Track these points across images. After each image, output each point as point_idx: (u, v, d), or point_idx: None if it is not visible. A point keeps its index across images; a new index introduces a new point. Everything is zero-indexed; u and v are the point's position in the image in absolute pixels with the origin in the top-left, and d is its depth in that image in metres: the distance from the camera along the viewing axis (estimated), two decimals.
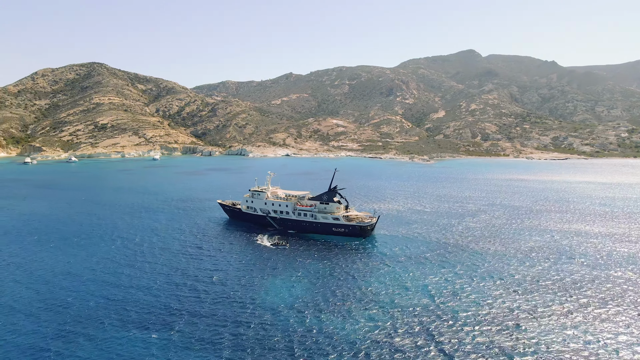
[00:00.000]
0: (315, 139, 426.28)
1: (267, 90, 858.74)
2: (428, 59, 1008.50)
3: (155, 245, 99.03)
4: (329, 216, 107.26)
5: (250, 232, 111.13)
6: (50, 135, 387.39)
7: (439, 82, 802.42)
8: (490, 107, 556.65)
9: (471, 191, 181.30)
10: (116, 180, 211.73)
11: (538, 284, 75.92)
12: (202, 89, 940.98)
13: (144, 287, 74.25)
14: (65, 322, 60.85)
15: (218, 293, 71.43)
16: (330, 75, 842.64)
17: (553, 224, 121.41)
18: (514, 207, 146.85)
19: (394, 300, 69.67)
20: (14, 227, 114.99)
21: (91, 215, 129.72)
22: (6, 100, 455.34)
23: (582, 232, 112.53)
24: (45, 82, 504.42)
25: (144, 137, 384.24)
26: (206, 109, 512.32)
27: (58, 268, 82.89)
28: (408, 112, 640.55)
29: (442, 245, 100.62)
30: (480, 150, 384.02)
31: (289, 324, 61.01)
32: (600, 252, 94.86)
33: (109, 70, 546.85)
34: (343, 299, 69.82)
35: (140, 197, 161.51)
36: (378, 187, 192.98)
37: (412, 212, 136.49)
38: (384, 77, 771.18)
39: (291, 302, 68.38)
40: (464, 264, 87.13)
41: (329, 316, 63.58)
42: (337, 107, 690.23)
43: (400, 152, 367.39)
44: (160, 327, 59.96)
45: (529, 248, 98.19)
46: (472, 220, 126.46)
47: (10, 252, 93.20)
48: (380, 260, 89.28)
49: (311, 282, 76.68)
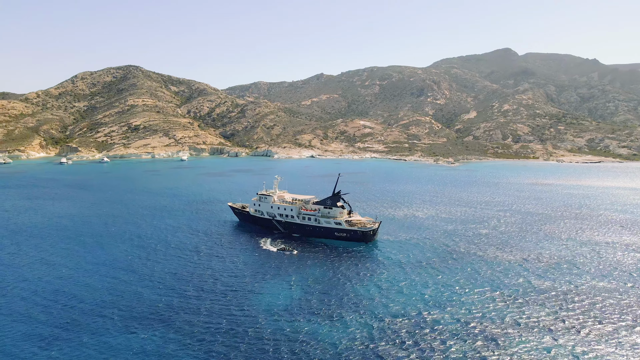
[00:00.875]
0: (341, 140, 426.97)
1: (298, 90, 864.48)
2: (462, 58, 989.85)
3: (169, 246, 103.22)
4: (331, 221, 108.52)
5: (258, 235, 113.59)
6: (87, 136, 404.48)
7: (472, 82, 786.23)
8: (523, 108, 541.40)
9: (489, 196, 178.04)
10: (142, 181, 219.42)
11: (534, 295, 74.92)
12: (234, 90, 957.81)
13: (150, 286, 77.95)
14: (60, 320, 64.79)
15: (218, 294, 74.14)
16: (361, 76, 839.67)
17: (565, 232, 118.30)
18: (529, 213, 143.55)
19: (387, 306, 70.51)
20: (37, 226, 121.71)
21: (112, 216, 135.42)
22: (48, 103, 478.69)
23: (592, 242, 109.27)
24: (84, 84, 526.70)
25: (174, 138, 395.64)
26: (236, 110, 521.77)
27: (68, 266, 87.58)
28: (439, 112, 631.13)
29: (446, 251, 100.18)
30: (509, 152, 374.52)
31: (279, 327, 62.95)
32: (606, 263, 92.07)
33: (143, 72, 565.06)
34: (336, 303, 71.11)
35: (163, 199, 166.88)
36: (395, 190, 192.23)
37: (423, 217, 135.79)
38: (415, 78, 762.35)
39: (285, 305, 70.24)
40: (464, 271, 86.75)
41: (319, 320, 65.19)
42: (366, 108, 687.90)
43: (425, 154, 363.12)
44: (159, 325, 63.24)
45: (535, 257, 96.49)
46: (482, 226, 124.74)
47: (25, 251, 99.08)
48: (379, 266, 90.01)
49: (308, 287, 78.26)
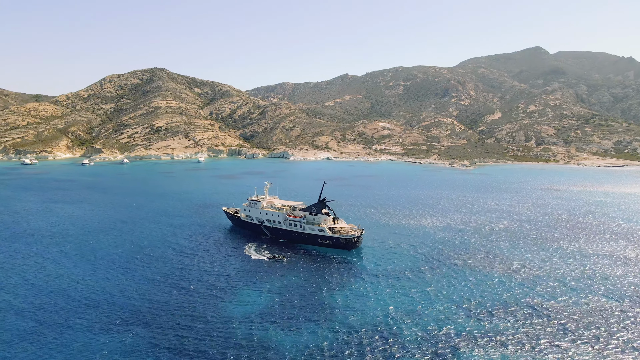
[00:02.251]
0: (358, 142, 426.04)
1: (322, 91, 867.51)
2: (490, 58, 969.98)
3: (158, 250, 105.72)
4: (315, 227, 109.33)
5: (245, 241, 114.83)
6: (111, 137, 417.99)
7: (499, 82, 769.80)
8: (550, 109, 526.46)
9: (493, 202, 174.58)
10: (153, 184, 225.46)
11: (501, 308, 73.59)
12: (260, 91, 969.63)
13: (126, 290, 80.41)
14: (35, 322, 68.13)
15: (189, 301, 75.81)
16: (386, 76, 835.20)
17: (557, 242, 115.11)
18: (527, 221, 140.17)
19: (349, 316, 70.83)
20: (39, 229, 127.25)
21: (112, 220, 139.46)
22: (77, 105, 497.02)
23: (583, 253, 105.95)
24: (112, 87, 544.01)
25: (193, 140, 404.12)
26: (257, 111, 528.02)
27: (54, 270, 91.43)
28: (463, 113, 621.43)
29: (429, 261, 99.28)
30: (529, 155, 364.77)
31: (236, 334, 64.31)
32: (589, 277, 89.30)
33: (169, 75, 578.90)
34: (299, 312, 71.90)
35: (167, 202, 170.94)
36: (397, 196, 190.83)
37: (416, 224, 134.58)
38: (440, 78, 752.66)
39: (249, 313, 71.43)
40: (439, 282, 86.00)
41: (276, 329, 66.13)
42: (389, 109, 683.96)
43: (442, 156, 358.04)
44: (122, 329, 65.62)
45: (517, 268, 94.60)
46: (473, 234, 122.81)
47: (21, 253, 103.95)
48: (355, 275, 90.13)
49: (279, 294, 79.13)
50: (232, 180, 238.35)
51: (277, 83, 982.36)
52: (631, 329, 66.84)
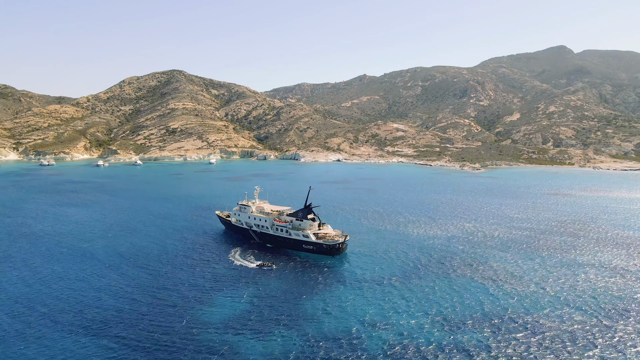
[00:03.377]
0: (371, 144, 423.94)
1: (340, 92, 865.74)
2: (512, 57, 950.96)
3: (144, 254, 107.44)
4: (300, 233, 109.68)
5: (234, 246, 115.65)
6: (128, 138, 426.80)
7: (520, 82, 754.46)
8: (570, 110, 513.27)
9: (495, 207, 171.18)
10: (160, 186, 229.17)
11: (475, 318, 72.78)
12: (278, 92, 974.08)
13: (102, 294, 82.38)
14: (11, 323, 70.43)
15: (163, 305, 77.14)
16: (404, 77, 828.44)
17: (550, 250, 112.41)
18: (524, 228, 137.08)
19: (321, 324, 71.20)
20: (34, 232, 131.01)
21: (110, 224, 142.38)
22: (97, 106, 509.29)
23: (574, 262, 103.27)
24: (131, 89, 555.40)
25: (206, 141, 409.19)
26: (271, 112, 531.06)
27: (38, 273, 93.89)
28: (481, 114, 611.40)
29: (414, 268, 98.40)
30: (543, 158, 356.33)
31: (206, 339, 65.44)
32: (574, 288, 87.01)
33: (186, 76, 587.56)
34: (274, 318, 72.50)
35: (169, 204, 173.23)
36: (398, 200, 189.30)
37: (409, 230, 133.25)
38: (459, 78, 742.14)
39: (223, 318, 72.36)
40: (418, 290, 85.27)
41: (248, 335, 67.03)
42: (407, 110, 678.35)
43: (453, 159, 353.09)
44: (97, 330, 67.86)
45: (502, 277, 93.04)
46: (464, 241, 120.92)
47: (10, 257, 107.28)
48: (336, 282, 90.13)
49: (256, 300, 79.76)
50: (239, 182, 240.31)
51: (296, 84, 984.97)
52: (604, 345, 64.89)
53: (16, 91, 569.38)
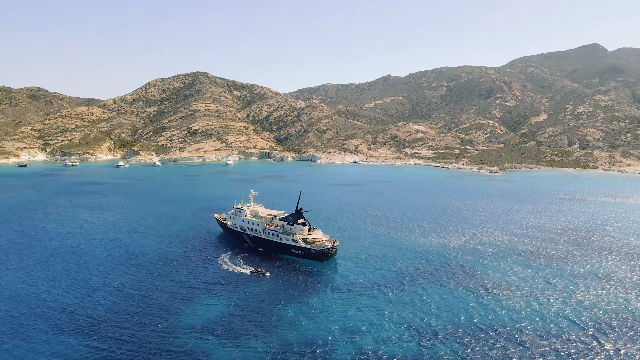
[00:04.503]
0: (390, 146, 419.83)
1: (364, 93, 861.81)
2: (542, 56, 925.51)
3: (147, 255, 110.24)
4: (290, 238, 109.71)
5: (226, 250, 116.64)
6: (151, 139, 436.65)
7: (549, 82, 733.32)
8: (600, 110, 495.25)
9: (502, 212, 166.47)
10: (173, 187, 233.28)
11: (450, 332, 71.11)
12: (303, 92, 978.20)
13: (98, 293, 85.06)
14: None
15: (152, 306, 79.27)
16: (429, 77, 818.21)
17: (550, 259, 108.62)
18: (526, 234, 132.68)
19: (293, 332, 71.36)
20: (40, 234, 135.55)
21: (114, 225, 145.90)
22: (122, 108, 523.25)
23: (573, 273, 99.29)
24: (156, 91, 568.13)
25: (225, 142, 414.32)
26: (292, 114, 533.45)
27: (30, 274, 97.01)
28: (507, 115, 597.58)
29: (402, 276, 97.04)
30: (567, 160, 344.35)
31: (183, 342, 66.85)
32: (565, 299, 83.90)
33: (209, 78, 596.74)
34: (246, 325, 73.01)
35: (175, 206, 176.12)
36: (405, 203, 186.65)
37: (406, 235, 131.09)
38: (485, 78, 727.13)
39: (197, 324, 73.25)
40: (401, 299, 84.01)
41: (222, 339, 67.89)
42: (430, 111, 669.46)
43: (471, 161, 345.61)
44: (79, 331, 70.35)
45: (492, 286, 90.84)
46: (459, 248, 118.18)
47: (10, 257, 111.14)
48: (319, 288, 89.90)
49: (241, 305, 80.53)
50: (250, 184, 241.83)
51: (320, 85, 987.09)
52: None
53: (48, 93, 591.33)
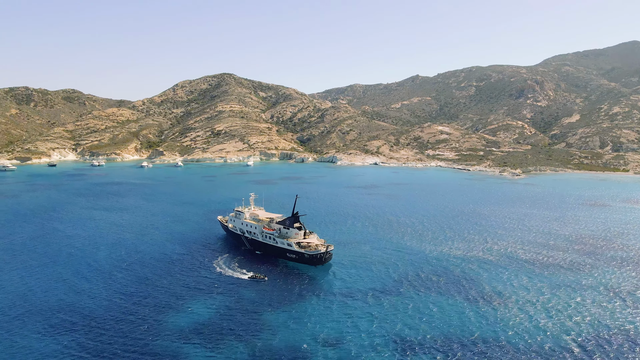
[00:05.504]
0: (412, 147, 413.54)
1: (392, 93, 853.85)
2: (577, 54, 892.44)
3: (147, 256, 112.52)
4: (284, 241, 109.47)
5: (223, 253, 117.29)
6: (176, 140, 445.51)
7: (585, 81, 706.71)
8: (637, 111, 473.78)
9: (514, 217, 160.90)
10: (190, 188, 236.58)
11: (436, 343, 69.47)
12: (330, 93, 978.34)
13: (90, 295, 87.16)
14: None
15: (139, 309, 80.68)
16: (458, 77, 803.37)
17: (556, 268, 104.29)
18: (535, 242, 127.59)
19: (275, 338, 71.51)
20: (53, 235, 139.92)
21: (122, 226, 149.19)
22: (151, 109, 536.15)
23: (578, 283, 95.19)
24: (183, 92, 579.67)
25: (247, 143, 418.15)
26: (316, 114, 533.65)
27: (28, 272, 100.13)
28: (538, 115, 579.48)
29: (395, 283, 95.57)
30: (596, 163, 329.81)
31: (158, 345, 67.96)
32: (564, 310, 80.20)
33: (236, 79, 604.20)
34: (230, 329, 73.56)
35: (186, 208, 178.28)
36: (416, 207, 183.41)
37: (410, 241, 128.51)
38: (516, 77, 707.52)
39: (182, 326, 74.37)
40: (389, 308, 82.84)
41: (196, 344, 68.63)
42: (458, 111, 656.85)
43: (495, 163, 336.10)
44: (62, 331, 72.46)
45: (489, 295, 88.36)
46: (462, 254, 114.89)
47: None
48: (311, 293, 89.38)
49: (224, 309, 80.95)
50: (265, 186, 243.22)
51: (348, 85, 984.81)
52: None
53: (82, 95, 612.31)
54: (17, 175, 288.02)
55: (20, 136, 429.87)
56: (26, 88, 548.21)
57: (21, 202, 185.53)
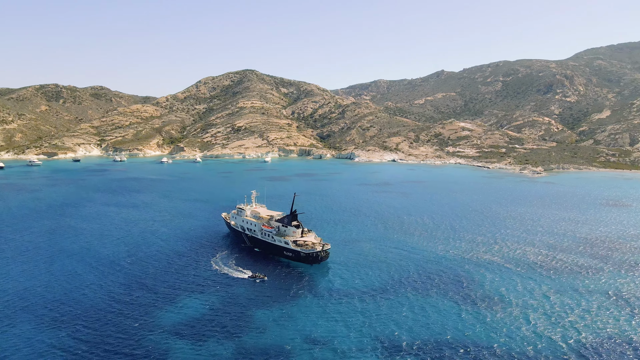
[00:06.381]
0: (432, 144, 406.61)
1: (416, 88, 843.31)
2: (611, 48, 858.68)
3: (147, 251, 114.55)
4: (282, 239, 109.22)
5: (222, 250, 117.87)
6: (198, 136, 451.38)
7: (618, 75, 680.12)
8: None
9: (527, 217, 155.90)
10: (205, 184, 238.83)
11: (423, 348, 68.00)
12: (354, 88, 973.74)
13: (89, 289, 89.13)
14: None
15: (134, 305, 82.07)
16: (484, 72, 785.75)
17: (562, 272, 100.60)
18: (547, 244, 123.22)
19: (261, 338, 71.35)
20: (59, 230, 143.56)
21: (129, 222, 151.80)
22: (174, 106, 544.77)
23: (583, 288, 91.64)
24: (206, 88, 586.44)
25: (267, 140, 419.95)
26: (337, 111, 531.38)
27: (31, 269, 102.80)
28: (567, 111, 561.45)
29: (392, 283, 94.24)
30: (623, 161, 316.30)
31: (148, 340, 69.05)
32: (561, 316, 77.12)
33: (258, 76, 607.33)
34: (214, 327, 73.87)
35: (196, 205, 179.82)
36: (425, 206, 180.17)
37: (413, 241, 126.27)
38: (545, 72, 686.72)
39: (173, 323, 75.11)
40: (381, 309, 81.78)
41: (177, 342, 69.05)
42: (483, 107, 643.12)
43: (516, 161, 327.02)
44: (53, 325, 74.28)
45: (489, 299, 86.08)
46: (465, 255, 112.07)
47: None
48: (305, 292, 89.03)
49: (212, 308, 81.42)
50: (278, 182, 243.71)
51: (372, 81, 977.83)
52: None
53: (110, 92, 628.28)
54: (42, 170, 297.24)
55: (48, 132, 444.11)
56: (56, 85, 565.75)
57: (40, 197, 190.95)
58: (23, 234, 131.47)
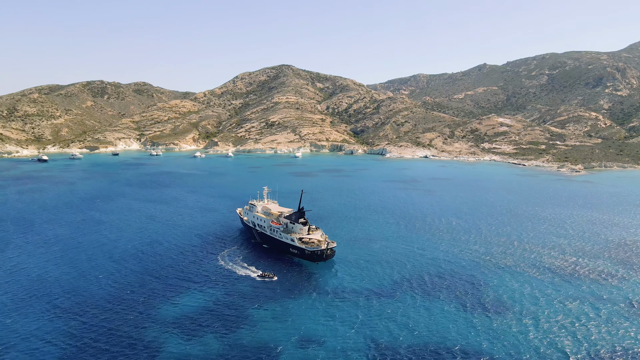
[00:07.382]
0: (467, 140, 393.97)
1: (456, 83, 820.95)
2: None
3: (160, 245, 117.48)
4: (288, 236, 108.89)
5: (231, 246, 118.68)
6: (233, 131, 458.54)
7: None
8: None
9: (556, 218, 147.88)
10: (231, 179, 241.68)
11: (416, 353, 66.11)
12: (393, 83, 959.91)
13: (98, 282, 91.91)
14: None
15: (138, 297, 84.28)
16: (529, 65, 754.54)
17: (578, 278, 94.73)
18: (569, 247, 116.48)
19: (251, 334, 71.65)
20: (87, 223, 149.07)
21: (149, 217, 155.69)
22: (211, 101, 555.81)
23: (596, 296, 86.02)
24: (242, 84, 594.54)
25: (299, 135, 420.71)
26: (372, 106, 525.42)
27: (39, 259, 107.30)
28: (617, 106, 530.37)
29: (396, 284, 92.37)
30: None
31: (145, 334, 70.59)
32: (564, 326, 72.75)
33: (293, 71, 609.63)
34: (212, 323, 74.71)
35: (219, 199, 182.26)
36: (448, 204, 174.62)
37: (425, 241, 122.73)
38: (595, 65, 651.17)
39: (171, 317, 76.54)
40: (380, 311, 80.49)
41: (173, 336, 70.41)
42: (526, 102, 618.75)
43: (554, 158, 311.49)
44: (63, 314, 76.85)
45: (496, 304, 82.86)
46: (479, 257, 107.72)
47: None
48: (305, 291, 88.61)
49: (212, 303, 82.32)
50: (304, 178, 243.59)
51: (411, 75, 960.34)
52: None
53: (151, 87, 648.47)
54: (81, 163, 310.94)
55: (92, 127, 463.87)
56: (101, 81, 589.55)
57: (73, 190, 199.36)
58: (53, 225, 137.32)
